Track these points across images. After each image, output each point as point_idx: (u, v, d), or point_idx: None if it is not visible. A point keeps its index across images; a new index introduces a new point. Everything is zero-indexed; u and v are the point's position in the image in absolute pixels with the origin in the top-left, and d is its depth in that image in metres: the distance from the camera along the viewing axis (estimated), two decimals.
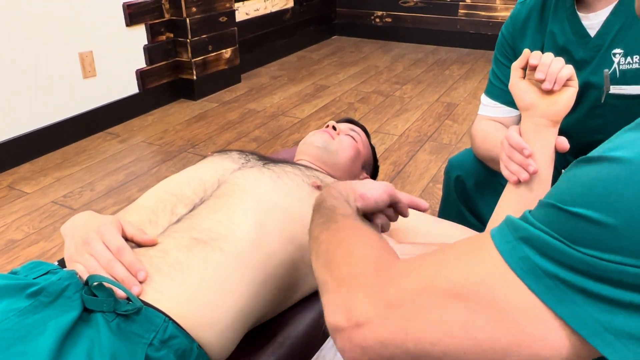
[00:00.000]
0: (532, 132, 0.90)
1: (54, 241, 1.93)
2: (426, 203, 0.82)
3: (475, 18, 4.41)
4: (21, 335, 0.62)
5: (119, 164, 2.54)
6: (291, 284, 0.88)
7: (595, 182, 0.42)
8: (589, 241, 0.41)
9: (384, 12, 4.79)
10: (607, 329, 0.41)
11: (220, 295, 0.77)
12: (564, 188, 0.46)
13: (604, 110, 1.08)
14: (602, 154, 0.43)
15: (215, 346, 0.75)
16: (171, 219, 0.87)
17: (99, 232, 0.76)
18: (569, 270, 0.42)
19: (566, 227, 0.43)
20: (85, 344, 0.64)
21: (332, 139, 1.17)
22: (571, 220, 0.43)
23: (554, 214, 0.44)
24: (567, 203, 0.44)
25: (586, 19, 1.06)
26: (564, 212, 0.43)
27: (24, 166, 2.51)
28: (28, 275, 0.73)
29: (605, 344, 0.41)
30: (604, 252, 0.40)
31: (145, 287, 0.73)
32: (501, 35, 1.22)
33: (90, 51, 2.77)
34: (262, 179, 0.93)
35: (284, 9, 4.29)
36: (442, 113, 3.10)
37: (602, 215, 0.41)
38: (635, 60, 1.01)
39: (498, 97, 1.22)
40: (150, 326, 0.68)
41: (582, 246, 0.41)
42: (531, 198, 0.90)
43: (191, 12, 3.19)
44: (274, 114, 3.15)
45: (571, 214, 0.43)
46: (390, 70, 3.96)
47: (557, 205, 0.44)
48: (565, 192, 0.45)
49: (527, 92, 0.91)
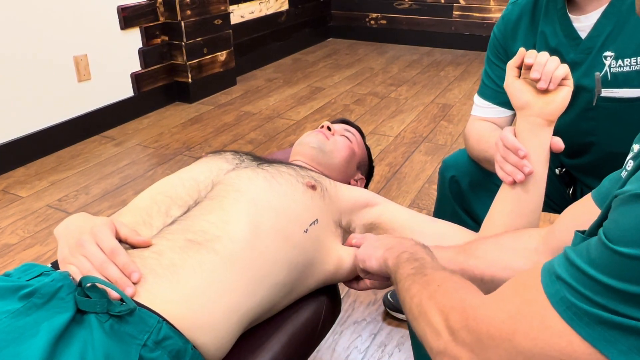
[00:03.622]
0: (527, 131, 0.90)
1: (49, 245, 1.92)
2: None
3: (469, 20, 4.42)
4: (14, 337, 0.62)
5: (115, 167, 2.54)
6: (286, 284, 0.88)
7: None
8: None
9: (378, 14, 4.80)
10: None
11: (215, 296, 0.77)
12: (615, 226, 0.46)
13: (596, 113, 1.08)
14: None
15: (210, 347, 0.75)
16: (165, 220, 0.87)
17: (93, 234, 0.76)
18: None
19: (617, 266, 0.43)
20: (79, 345, 0.63)
21: (327, 140, 1.17)
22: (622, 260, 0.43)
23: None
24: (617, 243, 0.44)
25: (577, 20, 1.05)
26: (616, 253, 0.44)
27: (19, 170, 2.51)
28: (21, 277, 0.72)
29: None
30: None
31: (139, 288, 0.73)
32: (493, 35, 1.22)
33: (85, 54, 2.76)
34: (256, 179, 0.93)
35: (279, 12, 4.29)
36: (437, 114, 3.11)
37: None
38: (626, 63, 1.00)
39: (491, 98, 1.22)
40: (144, 327, 0.68)
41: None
42: (526, 198, 0.90)
43: (186, 15, 3.19)
44: (270, 116, 3.15)
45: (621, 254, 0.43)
46: (386, 72, 3.97)
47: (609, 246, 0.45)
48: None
49: (523, 91, 0.91)
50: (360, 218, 1.03)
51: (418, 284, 0.65)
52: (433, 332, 0.58)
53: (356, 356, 1.44)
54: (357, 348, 1.47)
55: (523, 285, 0.51)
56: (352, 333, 1.52)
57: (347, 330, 1.53)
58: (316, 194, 0.96)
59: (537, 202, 0.91)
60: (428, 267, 0.68)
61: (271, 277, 0.85)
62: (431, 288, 0.63)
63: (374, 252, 0.84)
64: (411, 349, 1.45)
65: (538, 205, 0.91)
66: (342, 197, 1.01)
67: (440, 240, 0.93)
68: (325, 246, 0.95)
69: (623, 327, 0.42)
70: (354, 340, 1.49)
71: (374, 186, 2.25)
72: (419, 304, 0.62)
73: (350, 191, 1.04)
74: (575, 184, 1.26)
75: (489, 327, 0.51)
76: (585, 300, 0.44)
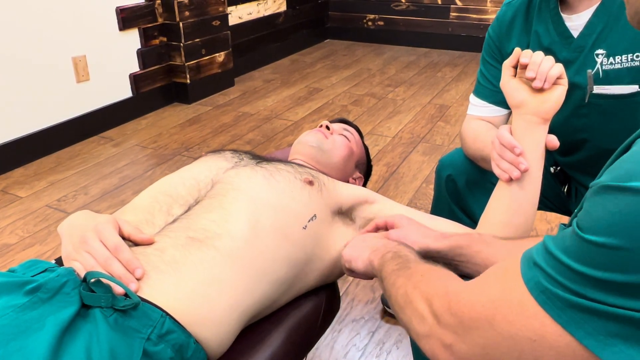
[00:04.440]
0: (523, 129, 0.92)
1: (49, 244, 1.93)
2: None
3: (466, 21, 4.44)
4: (20, 331, 0.63)
5: (113, 167, 2.55)
6: (286, 280, 0.89)
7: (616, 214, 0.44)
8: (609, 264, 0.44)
9: (376, 15, 4.82)
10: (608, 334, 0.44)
11: (216, 291, 0.78)
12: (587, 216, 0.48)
13: (588, 110, 1.09)
14: (620, 184, 0.45)
15: (211, 341, 0.76)
16: (167, 219, 0.89)
17: (96, 231, 0.77)
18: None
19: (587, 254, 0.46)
20: (84, 338, 0.65)
21: (326, 139, 1.18)
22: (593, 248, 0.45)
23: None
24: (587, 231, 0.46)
25: (569, 20, 1.08)
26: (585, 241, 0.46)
27: (18, 170, 2.51)
28: (26, 273, 0.74)
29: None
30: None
31: (142, 284, 0.74)
32: (488, 36, 1.24)
33: (83, 55, 2.77)
34: (255, 177, 0.94)
35: (276, 13, 4.31)
36: (434, 115, 3.13)
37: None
38: (617, 60, 1.02)
39: (486, 97, 1.23)
40: (147, 321, 0.69)
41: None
42: (522, 195, 0.92)
43: (184, 16, 3.20)
44: (268, 117, 3.16)
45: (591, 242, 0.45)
46: (383, 73, 3.98)
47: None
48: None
49: (518, 90, 0.93)
50: (359, 213, 1.04)
51: (403, 277, 0.68)
52: (418, 317, 0.60)
53: (355, 354, 1.45)
54: (356, 346, 1.48)
55: (504, 271, 0.54)
56: (351, 331, 1.53)
57: (345, 328, 1.54)
58: (314, 190, 0.98)
59: (533, 199, 0.92)
60: (412, 262, 0.71)
61: (271, 274, 0.86)
62: (415, 279, 0.66)
63: (360, 253, 0.86)
64: (409, 346, 1.46)
65: (534, 202, 0.93)
66: (340, 193, 1.03)
67: None
68: (324, 241, 0.96)
69: (591, 310, 0.45)
70: (353, 338, 1.50)
71: (371, 186, 2.26)
72: (404, 294, 0.65)
73: (348, 189, 1.05)
74: (570, 182, 1.28)
75: (471, 311, 0.54)
76: (558, 285, 0.47)
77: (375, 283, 1.71)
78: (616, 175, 0.45)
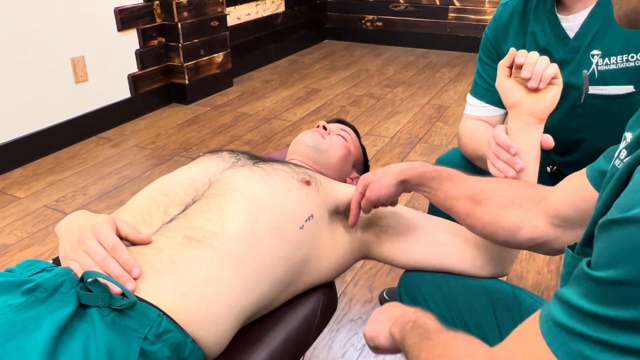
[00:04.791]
0: (518, 129, 0.92)
1: (47, 245, 1.94)
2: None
3: (464, 21, 4.45)
4: (18, 330, 0.63)
5: (112, 168, 2.55)
6: (283, 280, 0.89)
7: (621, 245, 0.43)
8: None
9: (374, 16, 4.83)
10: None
11: (213, 291, 0.78)
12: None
13: (584, 110, 1.10)
14: (622, 215, 0.44)
15: (208, 341, 0.76)
16: (164, 218, 0.89)
17: (94, 231, 0.77)
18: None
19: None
20: (81, 338, 0.65)
21: (323, 139, 1.19)
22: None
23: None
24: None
25: (565, 20, 1.08)
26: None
27: (16, 171, 2.51)
28: (23, 272, 0.74)
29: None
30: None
31: (139, 283, 0.74)
32: (485, 36, 1.25)
33: (82, 56, 2.78)
34: (252, 177, 0.95)
35: (275, 14, 4.31)
36: (432, 115, 3.13)
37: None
38: (612, 61, 1.03)
39: (483, 97, 1.24)
40: (144, 321, 0.69)
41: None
42: None
43: (183, 16, 3.20)
44: (266, 117, 3.16)
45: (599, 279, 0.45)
46: (381, 73, 3.99)
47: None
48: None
49: (514, 90, 0.93)
50: None
51: (425, 350, 0.66)
52: None
53: (352, 354, 1.46)
54: (354, 346, 1.48)
55: (523, 335, 0.53)
56: (349, 331, 1.53)
57: (343, 329, 1.54)
58: (311, 189, 0.98)
59: None
60: (432, 332, 0.70)
61: (269, 274, 0.86)
62: (437, 350, 0.64)
63: (380, 328, 0.84)
64: None
65: None
66: (337, 193, 1.03)
67: (436, 234, 0.96)
68: (322, 241, 0.96)
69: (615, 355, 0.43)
70: (350, 338, 1.51)
71: None
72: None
73: (345, 189, 1.05)
74: None
75: None
76: (580, 337, 0.45)
77: (374, 283, 1.72)
78: (618, 208, 0.45)
